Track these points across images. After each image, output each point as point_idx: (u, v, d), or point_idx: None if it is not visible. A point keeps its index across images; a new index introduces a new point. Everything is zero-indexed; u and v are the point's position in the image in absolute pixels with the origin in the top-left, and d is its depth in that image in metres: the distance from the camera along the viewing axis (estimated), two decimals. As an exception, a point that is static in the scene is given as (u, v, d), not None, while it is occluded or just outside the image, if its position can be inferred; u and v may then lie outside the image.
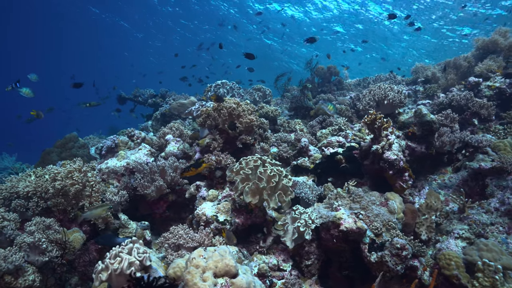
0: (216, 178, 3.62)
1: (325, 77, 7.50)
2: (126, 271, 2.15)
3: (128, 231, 3.39)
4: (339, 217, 3.05)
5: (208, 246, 3.06)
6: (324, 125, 5.12)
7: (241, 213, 3.33)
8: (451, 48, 16.97)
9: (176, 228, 3.14)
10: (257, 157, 3.28)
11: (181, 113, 6.20)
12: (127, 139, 4.23)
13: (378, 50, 18.78)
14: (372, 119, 3.55)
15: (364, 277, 3.28)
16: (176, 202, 3.84)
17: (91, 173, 3.29)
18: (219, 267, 2.30)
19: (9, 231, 2.74)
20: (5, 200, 3.08)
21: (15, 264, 2.49)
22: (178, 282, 2.48)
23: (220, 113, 3.67)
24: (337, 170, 4.04)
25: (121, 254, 2.25)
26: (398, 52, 18.71)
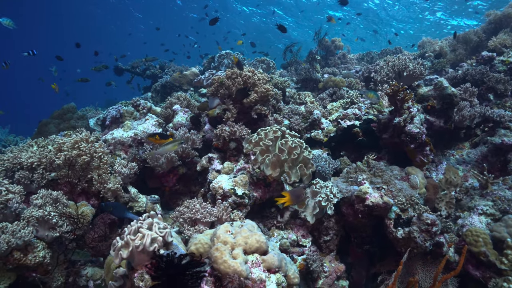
0: (230, 150, 3.43)
1: (329, 51, 7.26)
2: (149, 248, 1.98)
3: (138, 205, 3.21)
4: (364, 191, 2.91)
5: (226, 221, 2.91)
6: (334, 98, 4.94)
7: (259, 187, 3.17)
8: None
9: (192, 202, 2.97)
10: (276, 127, 3.10)
11: (182, 84, 5.94)
12: (132, 109, 3.99)
13: (374, 25, 18.41)
14: (395, 90, 3.38)
15: (384, 253, 3.19)
16: (186, 175, 3.65)
17: (98, 144, 3.07)
18: (249, 244, 2.16)
19: (15, 205, 2.53)
20: (8, 171, 2.85)
21: (24, 240, 2.30)
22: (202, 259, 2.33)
23: (234, 81, 3.45)
24: (353, 143, 3.89)
25: (141, 230, 2.07)
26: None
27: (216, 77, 3.64)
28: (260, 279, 2.05)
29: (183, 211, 2.91)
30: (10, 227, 2.31)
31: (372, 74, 5.28)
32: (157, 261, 2.03)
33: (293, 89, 5.57)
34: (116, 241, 2.04)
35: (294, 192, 2.76)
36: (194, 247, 2.31)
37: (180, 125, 3.91)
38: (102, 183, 2.97)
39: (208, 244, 2.31)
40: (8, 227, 2.31)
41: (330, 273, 3.07)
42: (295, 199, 2.77)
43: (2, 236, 2.23)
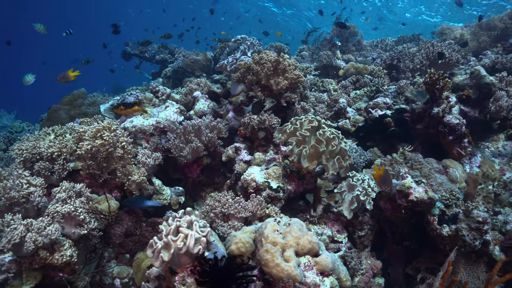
0: (259, 139, 3.23)
1: (343, 37, 7.01)
2: (193, 250, 1.80)
3: (162, 197, 3.02)
4: (408, 185, 2.74)
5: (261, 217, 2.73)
6: (357, 86, 4.73)
7: (292, 179, 2.99)
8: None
9: (223, 195, 2.79)
10: (312, 117, 2.90)
11: (195, 70, 5.71)
12: (151, 95, 3.76)
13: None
14: (434, 79, 3.18)
15: (422, 250, 3.03)
16: (210, 165, 3.46)
17: (120, 132, 2.86)
18: (301, 245, 1.98)
19: (37, 198, 2.34)
20: (26, 162, 2.64)
21: (50, 238, 2.10)
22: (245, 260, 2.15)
23: (263, 67, 3.23)
24: (383, 134, 3.70)
25: (182, 229, 1.88)
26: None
27: (242, 62, 3.43)
28: (314, 283, 1.89)
29: (214, 205, 2.73)
30: (35, 224, 2.11)
31: (395, 61, 5.06)
32: (202, 263, 1.85)
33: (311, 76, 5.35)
34: (153, 241, 1.87)
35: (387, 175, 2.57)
36: (234, 246, 2.14)
37: (202, 113, 3.70)
38: (126, 175, 2.76)
39: (250, 243, 2.14)
40: (33, 224, 2.11)
41: (366, 270, 2.92)
42: (383, 181, 2.57)
43: (28, 235, 2.03)
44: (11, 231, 1.99)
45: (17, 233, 1.99)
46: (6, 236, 1.98)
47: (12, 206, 2.27)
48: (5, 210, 2.26)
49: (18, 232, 1.99)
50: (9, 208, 2.27)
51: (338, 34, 6.81)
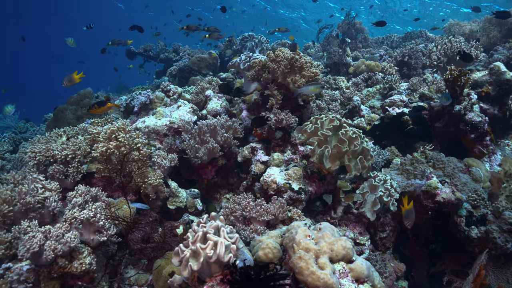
0: (276, 139, 3.14)
1: (349, 34, 6.92)
2: (224, 258, 1.70)
3: (178, 200, 2.93)
4: (434, 186, 2.65)
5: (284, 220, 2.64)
6: (369, 83, 4.64)
7: (313, 180, 2.91)
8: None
9: (244, 197, 2.69)
10: (333, 115, 2.82)
11: (201, 68, 5.60)
12: (162, 94, 3.66)
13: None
14: (455, 75, 3.09)
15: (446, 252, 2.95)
16: (225, 166, 3.37)
17: (135, 133, 2.76)
18: (335, 251, 1.88)
19: (53, 204, 2.24)
20: (40, 165, 2.54)
21: (70, 246, 2.01)
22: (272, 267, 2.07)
23: (279, 64, 3.13)
24: (399, 132, 3.61)
25: (210, 236, 1.79)
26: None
27: (256, 60, 3.32)
28: (350, 291, 1.79)
29: (234, 208, 2.64)
30: (53, 231, 2.02)
31: (406, 58, 4.98)
32: (232, 272, 1.76)
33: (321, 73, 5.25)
34: (180, 249, 1.78)
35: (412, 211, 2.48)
36: (262, 252, 2.04)
37: (215, 112, 3.60)
38: (142, 177, 2.67)
39: (278, 249, 2.05)
40: (51, 231, 2.01)
41: (390, 273, 2.84)
42: (407, 216, 2.50)
43: (48, 243, 1.94)
44: (29, 239, 1.89)
45: (36, 241, 1.89)
46: (24, 244, 1.88)
47: (27, 212, 2.17)
48: (20, 216, 2.17)
49: (37, 240, 1.90)
50: (25, 214, 2.17)
51: (345, 31, 6.72)
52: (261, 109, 3.60)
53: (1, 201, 2.09)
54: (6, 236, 2.04)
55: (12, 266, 2.02)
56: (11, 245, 2.07)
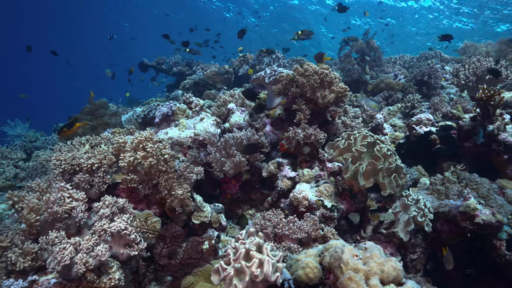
0: (303, 155, 3.05)
1: (363, 52, 6.92)
2: (271, 278, 1.60)
3: (203, 214, 2.81)
4: (473, 207, 2.55)
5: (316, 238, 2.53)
6: (390, 101, 4.59)
7: (344, 198, 2.81)
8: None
9: (274, 214, 2.59)
10: (366, 132, 2.74)
11: (216, 83, 5.56)
12: (185, 106, 3.58)
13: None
14: (489, 95, 3.03)
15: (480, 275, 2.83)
16: (249, 181, 3.26)
17: (162, 144, 2.67)
18: (386, 272, 1.77)
19: (80, 214, 2.12)
20: (65, 173, 2.43)
21: (100, 260, 1.89)
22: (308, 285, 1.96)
23: (309, 79, 3.07)
24: (427, 151, 3.53)
25: (253, 254, 1.68)
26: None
27: (283, 74, 3.27)
28: (403, 317, 1.68)
29: (265, 225, 2.53)
30: (84, 243, 1.90)
31: (426, 77, 4.94)
32: (278, 293, 1.65)
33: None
34: (221, 267, 1.67)
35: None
36: (302, 271, 1.93)
37: (238, 125, 3.52)
38: (169, 190, 2.56)
39: (318, 268, 1.94)
40: (81, 243, 1.89)
41: (423, 298, 2.71)
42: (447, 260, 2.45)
43: (78, 256, 1.82)
44: (60, 251, 1.77)
45: (67, 254, 1.77)
46: (55, 256, 1.77)
47: (54, 222, 2.05)
48: (46, 226, 2.05)
49: (68, 253, 1.78)
50: (51, 224, 2.05)
51: (358, 50, 6.72)
52: (285, 124, 3.52)
53: (29, 210, 1.98)
54: (32, 247, 1.93)
55: (38, 279, 1.90)
56: (37, 256, 1.95)
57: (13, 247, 1.96)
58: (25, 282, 1.86)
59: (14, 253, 1.86)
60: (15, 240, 1.98)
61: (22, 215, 1.97)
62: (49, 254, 1.95)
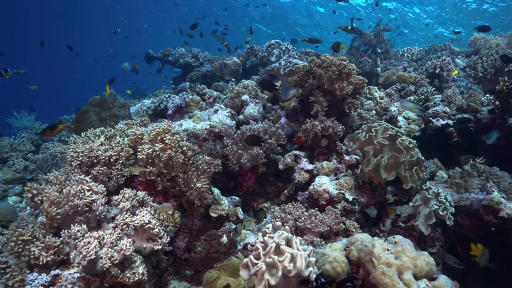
0: (321, 147, 3.00)
1: (371, 45, 6.85)
2: (304, 272, 1.56)
3: (221, 208, 2.77)
4: (497, 201, 2.51)
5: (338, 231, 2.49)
6: (403, 94, 4.54)
7: (364, 191, 2.76)
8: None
9: (295, 207, 2.55)
10: (386, 124, 2.69)
11: (224, 74, 5.48)
12: (198, 98, 3.52)
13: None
14: (510, 88, 2.98)
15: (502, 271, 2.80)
16: (264, 174, 3.22)
17: (180, 136, 2.61)
18: (419, 267, 1.73)
19: (100, 207, 2.08)
20: (82, 166, 2.38)
21: (125, 254, 1.84)
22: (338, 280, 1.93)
23: (327, 70, 3.02)
24: (444, 144, 3.49)
25: (284, 248, 1.64)
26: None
27: (300, 65, 3.21)
28: (438, 312, 1.64)
29: (286, 218, 2.48)
30: (107, 237, 1.85)
31: (438, 70, 4.89)
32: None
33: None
34: (250, 261, 1.63)
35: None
36: (329, 266, 1.90)
37: (252, 117, 3.47)
38: (188, 182, 2.51)
39: (345, 262, 1.91)
40: (105, 238, 1.85)
41: (444, 293, 2.67)
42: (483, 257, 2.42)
43: (104, 250, 1.77)
44: (85, 246, 1.73)
45: (92, 248, 1.73)
46: (80, 251, 1.72)
47: (74, 216, 2.01)
48: (66, 219, 2.01)
49: (93, 247, 1.73)
50: (71, 217, 2.01)
51: (367, 42, 6.65)
52: (300, 116, 3.48)
53: (49, 203, 1.93)
54: (54, 241, 1.88)
55: (61, 273, 1.85)
56: (59, 250, 1.90)
57: (35, 240, 1.91)
58: (48, 276, 1.82)
59: (37, 247, 1.81)
60: (36, 233, 1.94)
61: (43, 208, 1.92)
62: (71, 248, 1.90)
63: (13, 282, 1.75)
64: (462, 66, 5.76)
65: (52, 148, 4.03)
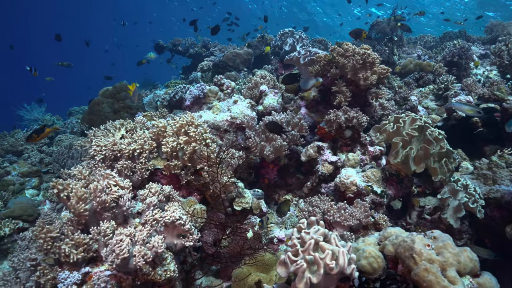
0: (344, 139, 2.93)
1: (384, 33, 6.71)
2: (347, 270, 1.51)
3: (245, 201, 2.72)
4: (532, 193, 2.45)
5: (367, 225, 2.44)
6: (421, 83, 4.44)
7: (391, 183, 2.70)
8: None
9: (322, 200, 2.49)
10: (414, 115, 2.61)
11: (237, 64, 5.39)
12: (216, 88, 3.45)
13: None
14: (539, 74, 2.89)
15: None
16: (286, 166, 3.16)
17: (202, 128, 2.55)
18: (462, 263, 1.68)
19: (127, 203, 2.03)
20: (105, 160, 2.33)
21: (157, 251, 1.80)
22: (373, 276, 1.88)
23: (350, 59, 2.93)
24: (468, 135, 3.41)
25: (323, 245, 1.59)
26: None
27: (321, 55, 3.12)
28: (484, 311, 1.59)
29: (314, 211, 2.43)
30: (138, 234, 1.81)
31: (456, 58, 4.77)
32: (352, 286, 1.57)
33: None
34: (289, 258, 1.58)
35: None
36: (365, 261, 1.84)
37: (272, 108, 3.39)
38: (212, 175, 2.45)
39: (381, 258, 1.86)
40: (136, 235, 1.80)
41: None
42: None
43: (136, 248, 1.73)
44: (117, 244, 1.68)
45: (125, 246, 1.68)
46: (112, 249, 1.67)
47: (102, 212, 1.96)
48: (93, 215, 1.96)
49: (125, 245, 1.69)
50: (99, 213, 1.96)
51: (380, 30, 6.52)
52: (320, 107, 3.40)
53: (77, 199, 1.88)
54: (83, 238, 1.83)
55: (91, 271, 1.81)
56: (88, 247, 1.86)
57: (63, 237, 1.87)
58: (79, 274, 1.77)
59: (67, 245, 1.77)
60: (64, 230, 1.89)
61: (70, 204, 1.87)
62: (100, 245, 1.86)
63: (45, 280, 1.71)
64: (479, 54, 5.64)
65: (67, 141, 3.98)
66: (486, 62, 5.52)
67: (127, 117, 4.16)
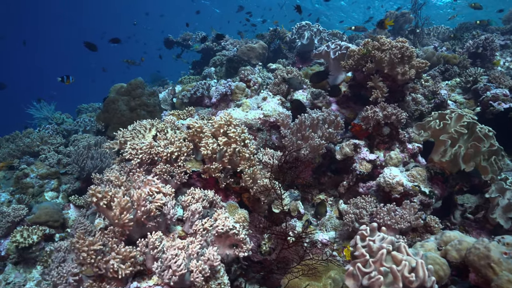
0: (382, 136, 2.81)
1: (398, 24, 6.56)
2: (427, 283, 1.43)
3: (284, 203, 2.58)
4: None
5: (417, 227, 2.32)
6: (447, 76, 4.31)
7: (436, 182, 2.58)
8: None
9: (368, 201, 2.37)
10: (460, 111, 2.49)
11: (251, 59, 5.22)
12: (244, 85, 3.30)
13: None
14: None
15: None
16: (321, 165, 3.03)
17: (240, 128, 2.41)
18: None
19: (171, 211, 1.90)
20: (142, 164, 2.19)
21: (212, 264, 1.67)
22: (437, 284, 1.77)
23: (387, 53, 2.79)
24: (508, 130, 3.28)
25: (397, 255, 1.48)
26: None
27: (355, 49, 2.98)
28: None
29: (361, 214, 2.31)
30: (191, 247, 1.68)
31: (480, 50, 4.64)
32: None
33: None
34: (359, 270, 1.46)
35: None
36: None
37: (301, 105, 3.25)
38: (253, 178, 2.32)
39: (446, 265, 1.75)
40: (190, 247, 1.67)
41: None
42: None
43: (193, 263, 1.60)
44: (173, 260, 1.55)
45: (181, 262, 1.55)
46: (168, 265, 1.55)
47: (146, 221, 1.83)
48: (137, 226, 1.82)
49: (181, 260, 1.56)
50: (142, 223, 1.83)
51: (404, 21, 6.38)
52: (351, 103, 3.27)
53: (120, 209, 1.74)
54: (130, 251, 1.70)
55: (139, 286, 1.68)
56: (135, 260, 1.73)
57: (104, 249, 1.73)
58: (129, 290, 1.65)
59: (114, 259, 1.64)
60: (108, 242, 1.76)
61: (114, 215, 1.73)
62: (148, 258, 1.74)
63: (94, 300, 1.58)
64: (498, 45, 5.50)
65: (83, 140, 3.83)
66: (506, 53, 5.39)
67: (144, 115, 4.01)
